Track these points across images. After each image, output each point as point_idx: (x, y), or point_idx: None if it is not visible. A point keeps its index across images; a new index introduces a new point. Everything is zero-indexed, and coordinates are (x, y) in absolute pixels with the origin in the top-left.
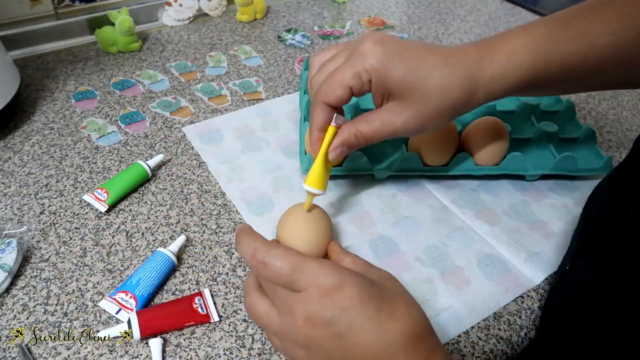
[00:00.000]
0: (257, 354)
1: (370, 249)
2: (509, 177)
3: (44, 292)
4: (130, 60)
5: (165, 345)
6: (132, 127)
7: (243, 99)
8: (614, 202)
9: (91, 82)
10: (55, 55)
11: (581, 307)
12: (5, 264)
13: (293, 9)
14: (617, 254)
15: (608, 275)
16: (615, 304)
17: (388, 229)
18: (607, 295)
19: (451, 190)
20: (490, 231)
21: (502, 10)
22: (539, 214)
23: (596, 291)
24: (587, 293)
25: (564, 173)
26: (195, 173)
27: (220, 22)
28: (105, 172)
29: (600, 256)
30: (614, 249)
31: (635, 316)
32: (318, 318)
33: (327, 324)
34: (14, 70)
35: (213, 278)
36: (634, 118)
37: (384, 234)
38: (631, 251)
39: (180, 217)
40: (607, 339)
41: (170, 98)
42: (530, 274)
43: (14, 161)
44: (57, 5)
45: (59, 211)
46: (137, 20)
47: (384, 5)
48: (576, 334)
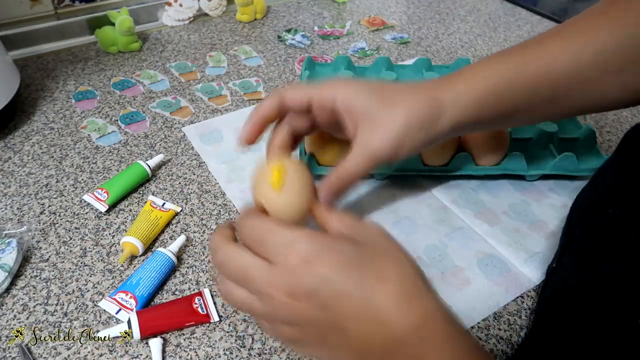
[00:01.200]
0: (257, 354)
1: None
2: (509, 177)
3: (44, 292)
4: (130, 60)
5: (165, 345)
6: (132, 127)
7: (243, 99)
8: (596, 201)
9: (91, 82)
10: (55, 55)
11: (564, 305)
12: (5, 264)
13: (293, 9)
14: (596, 252)
15: (587, 273)
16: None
17: (388, 228)
18: (585, 292)
19: (451, 190)
20: (490, 231)
21: (502, 10)
22: (539, 214)
23: (576, 289)
24: (570, 291)
25: (564, 173)
26: (195, 173)
27: (220, 22)
28: (105, 172)
29: (580, 254)
30: (593, 246)
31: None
32: (299, 290)
33: (309, 296)
34: (14, 70)
35: (213, 278)
36: (634, 118)
37: None
38: (608, 249)
39: (180, 217)
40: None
41: (170, 98)
42: (530, 274)
43: (14, 161)
44: (57, 5)
45: (59, 211)
46: (137, 20)
47: (384, 5)
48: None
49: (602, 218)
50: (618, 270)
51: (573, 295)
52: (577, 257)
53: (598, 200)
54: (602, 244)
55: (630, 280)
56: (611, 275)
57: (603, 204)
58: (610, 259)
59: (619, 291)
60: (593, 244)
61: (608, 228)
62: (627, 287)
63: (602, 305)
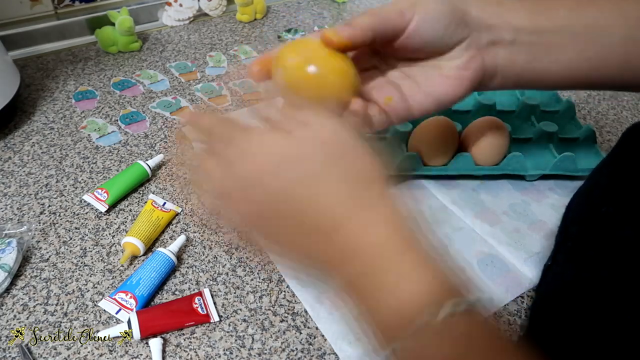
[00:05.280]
0: (257, 354)
1: None
2: (509, 177)
3: (44, 292)
4: (130, 60)
5: (165, 345)
6: (132, 127)
7: (243, 99)
8: (591, 199)
9: (91, 82)
10: (55, 55)
11: (559, 303)
12: (5, 264)
13: (293, 9)
14: (590, 250)
15: (581, 271)
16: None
17: None
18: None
19: (451, 190)
20: (490, 231)
21: None
22: (539, 214)
23: (571, 286)
24: (565, 289)
25: (564, 173)
26: None
27: (220, 22)
28: (105, 172)
29: (575, 252)
30: (588, 245)
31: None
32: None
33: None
34: (14, 70)
35: (213, 278)
36: (634, 118)
37: None
38: (602, 247)
39: (180, 217)
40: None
41: (170, 98)
42: (530, 274)
43: (14, 161)
44: (57, 5)
45: (59, 211)
46: (137, 20)
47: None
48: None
49: (596, 216)
50: (611, 269)
51: (568, 292)
52: (572, 255)
53: (593, 198)
54: (596, 242)
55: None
56: (604, 273)
57: (598, 202)
58: (603, 258)
59: (612, 289)
60: (587, 242)
61: (602, 226)
62: (619, 285)
63: (596, 302)
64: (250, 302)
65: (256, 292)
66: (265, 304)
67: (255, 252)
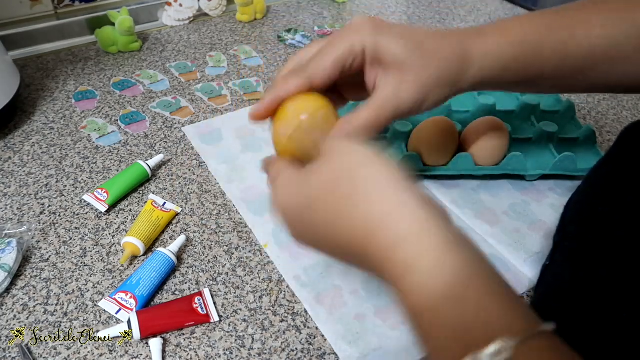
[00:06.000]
0: (257, 354)
1: None
2: (509, 177)
3: (44, 292)
4: (130, 60)
5: (165, 345)
6: (132, 127)
7: (243, 99)
8: (589, 198)
9: (91, 82)
10: (55, 55)
11: (558, 302)
12: (5, 264)
13: (293, 9)
14: (588, 250)
15: (578, 270)
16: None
17: None
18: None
19: (451, 190)
20: (490, 231)
21: (502, 11)
22: (539, 214)
23: (569, 286)
24: (563, 288)
25: (564, 173)
26: (195, 173)
27: (220, 22)
28: (105, 172)
29: (573, 251)
30: (585, 244)
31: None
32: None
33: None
34: (14, 70)
35: (213, 278)
36: (634, 118)
37: None
38: (598, 247)
39: (180, 217)
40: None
41: (170, 98)
42: (530, 274)
43: (14, 161)
44: (57, 5)
45: (59, 211)
46: (137, 20)
47: (384, 5)
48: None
49: (594, 216)
50: (609, 268)
51: (566, 292)
52: (570, 255)
53: (591, 198)
54: (593, 241)
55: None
56: (602, 272)
57: (595, 201)
58: (601, 257)
59: (610, 288)
60: (585, 242)
61: (599, 226)
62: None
63: (594, 302)
64: (250, 302)
65: (256, 292)
66: (265, 304)
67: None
